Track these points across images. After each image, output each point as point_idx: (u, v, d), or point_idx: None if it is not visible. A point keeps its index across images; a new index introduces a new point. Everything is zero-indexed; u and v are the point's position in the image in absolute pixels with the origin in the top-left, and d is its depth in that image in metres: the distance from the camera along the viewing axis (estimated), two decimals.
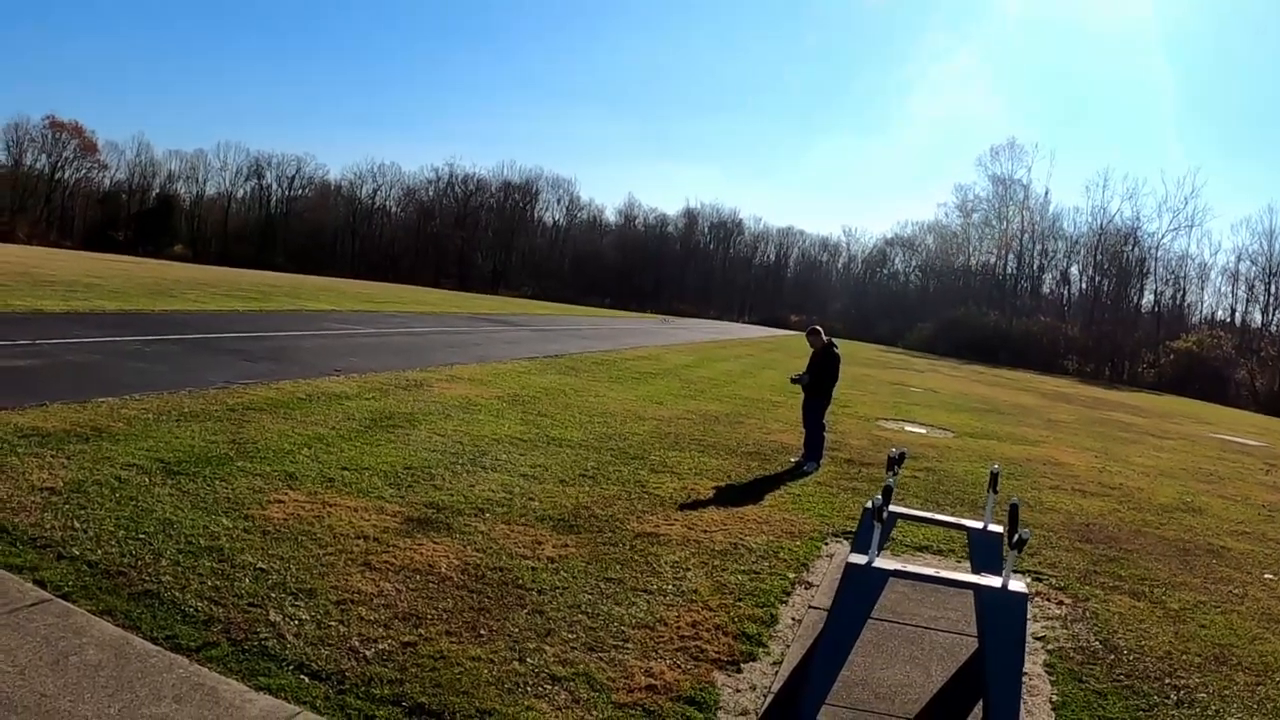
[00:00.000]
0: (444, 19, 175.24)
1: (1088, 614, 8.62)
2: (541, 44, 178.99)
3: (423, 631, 6.31)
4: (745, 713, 5.82)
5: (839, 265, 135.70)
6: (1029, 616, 7.67)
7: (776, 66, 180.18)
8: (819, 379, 14.68)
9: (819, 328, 15.29)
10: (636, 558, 8.53)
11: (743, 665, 6.52)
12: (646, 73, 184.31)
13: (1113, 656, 7.59)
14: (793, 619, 7.60)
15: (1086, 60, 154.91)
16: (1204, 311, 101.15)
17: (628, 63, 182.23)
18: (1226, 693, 7.10)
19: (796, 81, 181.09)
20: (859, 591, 5.91)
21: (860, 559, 5.91)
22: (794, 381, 15.04)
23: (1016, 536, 5.64)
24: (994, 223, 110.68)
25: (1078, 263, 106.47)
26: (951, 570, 7.98)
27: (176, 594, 6.35)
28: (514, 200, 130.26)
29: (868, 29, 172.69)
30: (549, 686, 5.75)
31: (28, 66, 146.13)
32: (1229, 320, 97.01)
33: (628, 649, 6.46)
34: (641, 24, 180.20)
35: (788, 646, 6.97)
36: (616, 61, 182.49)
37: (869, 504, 6.69)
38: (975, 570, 7.50)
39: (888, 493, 6.18)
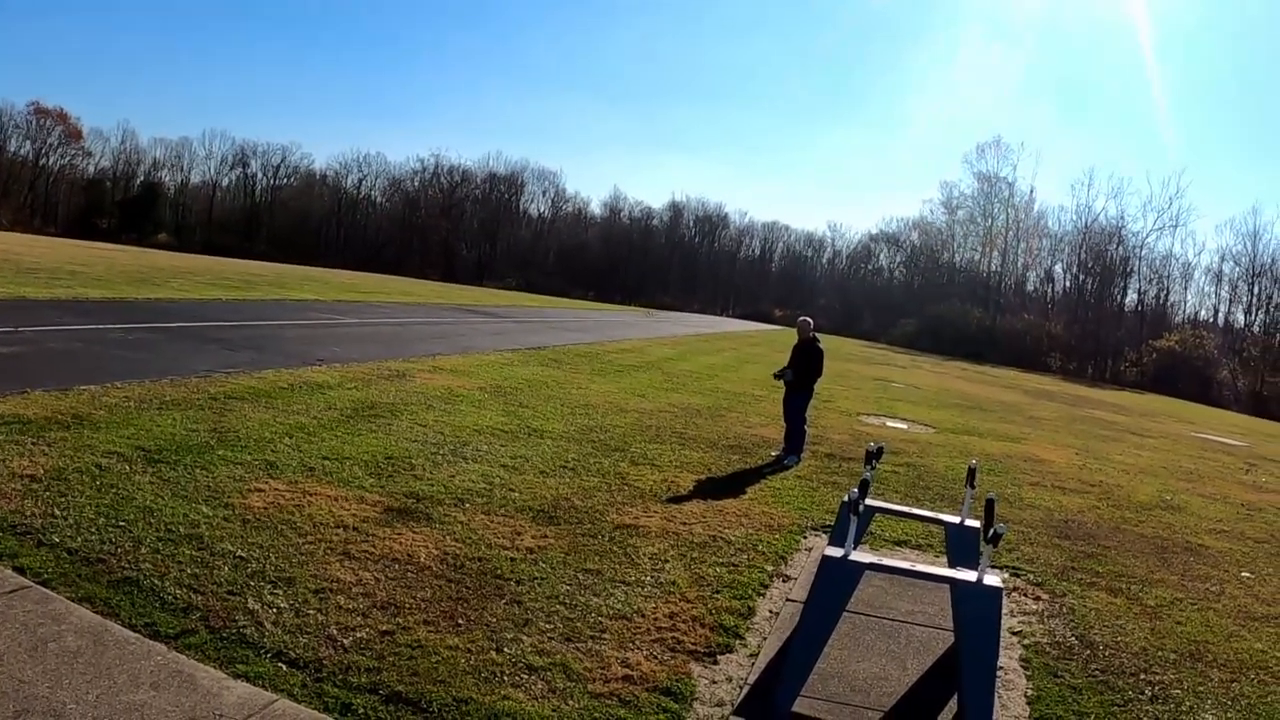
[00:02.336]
0: (432, 6, 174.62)
1: (1064, 609, 8.68)
2: (529, 33, 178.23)
3: (401, 620, 6.32)
4: (721, 704, 5.86)
5: (824, 260, 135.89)
6: (1005, 611, 7.73)
7: (766, 60, 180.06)
8: (802, 373, 14.71)
9: (809, 319, 15.34)
10: (615, 549, 8.56)
11: (719, 657, 6.55)
12: (635, 63, 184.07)
13: (1088, 652, 7.64)
14: (770, 611, 7.64)
15: (1074, 60, 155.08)
16: (1187, 311, 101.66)
17: (617, 53, 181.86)
18: (1201, 689, 7.16)
19: (784, 76, 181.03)
20: (835, 584, 5.96)
21: (836, 552, 5.97)
22: (777, 377, 15.06)
23: (992, 531, 5.69)
24: (979, 220, 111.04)
25: (1062, 261, 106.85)
26: (929, 565, 8.04)
27: (155, 581, 6.36)
28: (499, 192, 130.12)
29: (858, 24, 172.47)
30: (526, 676, 5.78)
31: (11, 52, 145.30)
32: (1212, 320, 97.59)
33: (605, 639, 6.49)
34: (631, 13, 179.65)
35: (764, 639, 7.01)
36: (605, 52, 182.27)
37: (846, 497, 6.74)
38: (953, 565, 7.57)
39: (864, 486, 6.24)
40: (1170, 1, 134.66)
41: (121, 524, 7.36)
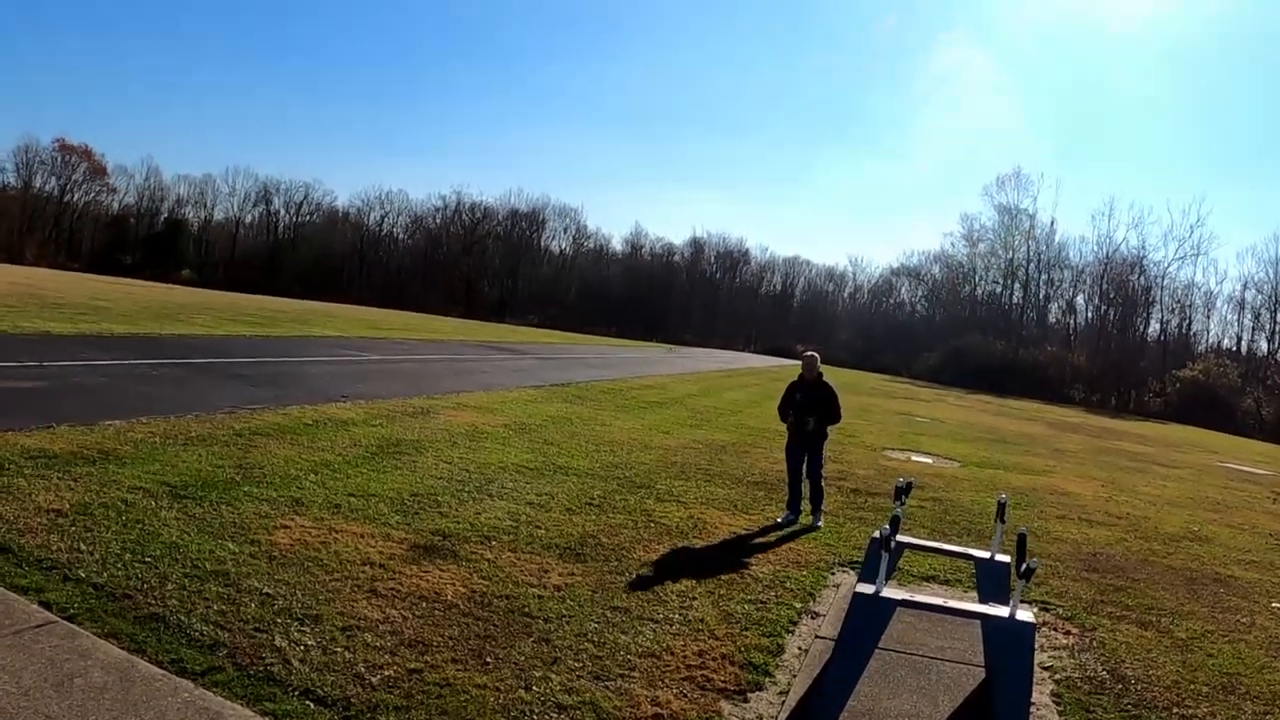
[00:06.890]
0: (453, 45, 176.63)
1: (1095, 643, 8.57)
2: (550, 69, 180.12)
3: (428, 659, 6.28)
4: None
5: (845, 295, 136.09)
6: (1036, 646, 7.65)
7: (784, 92, 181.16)
8: (821, 417, 12.80)
9: (816, 355, 13.39)
10: (642, 586, 8.51)
11: (749, 695, 6.47)
12: (655, 97, 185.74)
13: (1120, 686, 7.54)
14: (799, 648, 7.56)
15: (1094, 90, 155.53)
16: (1210, 340, 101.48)
17: (636, 87, 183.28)
18: None
19: (804, 107, 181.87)
20: (866, 621, 5.90)
21: (868, 588, 5.91)
22: (797, 424, 12.84)
23: (1024, 566, 5.63)
24: (1000, 252, 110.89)
25: (1084, 292, 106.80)
26: (959, 600, 7.96)
27: (182, 618, 6.33)
28: (521, 228, 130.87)
29: (875, 58, 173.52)
30: (555, 715, 5.72)
31: (38, 89, 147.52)
32: (1235, 349, 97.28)
33: (634, 678, 6.43)
34: (650, 47, 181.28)
35: (794, 676, 6.94)
36: (625, 86, 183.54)
37: (876, 534, 6.69)
38: (982, 600, 7.50)
39: (895, 522, 6.19)
40: (1187, 26, 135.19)
41: (147, 560, 7.35)
